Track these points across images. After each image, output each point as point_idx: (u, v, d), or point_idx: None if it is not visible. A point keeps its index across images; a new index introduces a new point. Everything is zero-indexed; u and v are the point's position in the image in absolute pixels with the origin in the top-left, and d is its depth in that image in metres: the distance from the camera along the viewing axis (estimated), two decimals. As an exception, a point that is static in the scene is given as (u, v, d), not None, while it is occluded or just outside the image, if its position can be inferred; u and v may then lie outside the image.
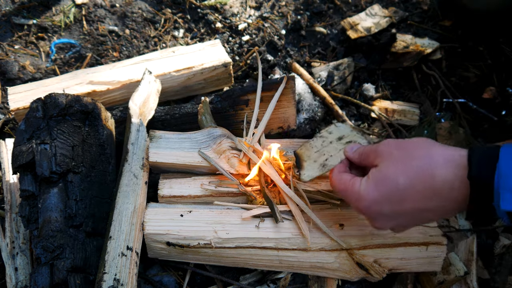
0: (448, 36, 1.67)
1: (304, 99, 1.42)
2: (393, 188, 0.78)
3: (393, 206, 0.79)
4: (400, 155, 0.80)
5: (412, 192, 0.77)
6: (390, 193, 0.79)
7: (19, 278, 1.05)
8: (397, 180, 0.78)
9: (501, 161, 0.69)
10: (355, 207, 0.86)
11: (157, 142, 1.14)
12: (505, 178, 0.67)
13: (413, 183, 0.77)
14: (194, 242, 1.01)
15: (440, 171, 0.75)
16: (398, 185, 0.78)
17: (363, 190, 0.82)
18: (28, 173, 1.04)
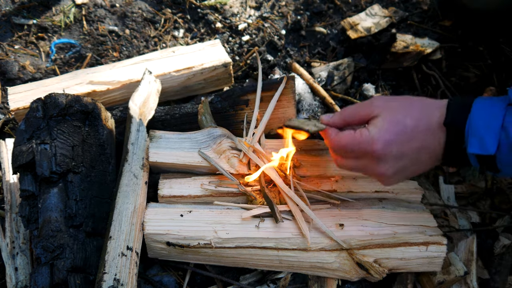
0: (448, 36, 1.67)
1: (304, 99, 1.42)
2: (402, 129, 0.87)
3: (402, 146, 0.87)
4: (399, 104, 0.90)
5: (417, 132, 0.87)
6: (400, 133, 0.87)
7: (19, 278, 1.05)
8: (405, 121, 0.87)
9: (472, 112, 0.82)
10: (368, 152, 0.89)
11: (157, 142, 1.14)
12: (474, 127, 0.81)
13: (417, 124, 0.87)
14: (194, 242, 1.01)
15: (434, 113, 0.87)
16: (406, 126, 0.87)
17: (375, 134, 0.88)
18: (28, 173, 1.04)
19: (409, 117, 0.87)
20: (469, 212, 1.25)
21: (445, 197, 1.28)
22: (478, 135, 0.80)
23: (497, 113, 0.80)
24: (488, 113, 0.81)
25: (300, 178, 1.15)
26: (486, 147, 0.80)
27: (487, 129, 0.80)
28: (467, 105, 0.84)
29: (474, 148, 0.81)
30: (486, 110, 0.81)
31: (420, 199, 1.15)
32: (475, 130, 0.81)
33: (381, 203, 1.10)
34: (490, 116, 0.80)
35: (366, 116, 0.92)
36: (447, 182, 1.31)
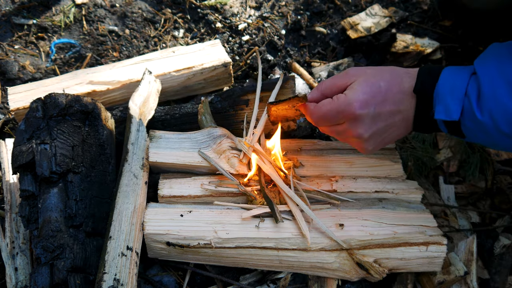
0: (448, 36, 1.67)
1: (304, 99, 1.42)
2: (377, 90, 0.92)
3: (377, 106, 0.92)
4: (373, 71, 0.96)
5: (390, 94, 0.92)
6: (375, 94, 0.92)
7: (19, 278, 1.05)
8: (379, 83, 0.92)
9: (440, 81, 0.88)
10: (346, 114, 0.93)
11: (157, 142, 1.14)
12: (441, 95, 0.87)
13: (390, 86, 0.92)
14: (194, 242, 1.01)
15: (405, 78, 0.93)
16: (380, 87, 0.92)
17: (352, 95, 0.92)
18: (28, 173, 1.04)
19: (382, 81, 0.93)
20: (469, 212, 1.25)
21: (445, 197, 1.28)
22: (444, 102, 0.86)
23: (462, 82, 0.85)
24: (454, 81, 0.86)
25: (300, 178, 1.15)
26: (450, 113, 0.86)
27: (452, 96, 0.85)
28: (435, 73, 0.89)
29: (441, 114, 0.87)
30: (452, 79, 0.87)
31: (420, 199, 1.15)
32: (441, 97, 0.87)
33: (381, 203, 1.10)
34: (455, 84, 0.86)
35: (343, 85, 0.97)
36: (447, 182, 1.31)
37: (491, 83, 0.82)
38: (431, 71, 0.91)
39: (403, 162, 1.23)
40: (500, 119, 0.81)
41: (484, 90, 0.82)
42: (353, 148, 1.23)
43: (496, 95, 0.81)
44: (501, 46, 0.87)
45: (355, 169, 1.19)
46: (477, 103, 0.83)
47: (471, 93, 0.84)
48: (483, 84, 0.82)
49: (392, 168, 1.20)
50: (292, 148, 1.23)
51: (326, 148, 1.24)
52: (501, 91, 0.80)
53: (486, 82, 0.82)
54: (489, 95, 0.81)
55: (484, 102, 0.82)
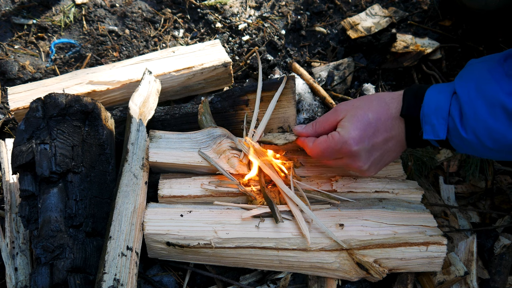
0: (448, 36, 1.67)
1: (304, 99, 1.42)
2: (367, 123, 0.95)
3: (370, 139, 0.96)
4: (361, 103, 0.99)
5: (380, 123, 0.96)
6: (366, 127, 0.95)
7: (19, 278, 1.05)
8: (368, 116, 0.96)
9: (424, 102, 0.91)
10: (343, 151, 0.97)
11: (157, 142, 1.14)
12: (426, 116, 0.91)
13: (378, 115, 0.96)
14: (194, 242, 1.01)
15: (391, 104, 0.97)
16: (369, 120, 0.96)
17: (345, 134, 0.96)
18: (28, 173, 1.04)
19: (370, 111, 0.96)
20: (469, 212, 1.25)
21: (445, 197, 1.28)
22: (430, 123, 0.90)
23: (445, 102, 0.89)
24: (437, 102, 0.90)
25: (300, 178, 1.15)
26: (438, 133, 0.90)
27: (437, 116, 0.89)
28: (420, 95, 0.93)
29: (429, 134, 0.91)
30: (435, 99, 0.90)
31: (420, 199, 1.15)
32: (427, 118, 0.91)
33: (381, 203, 1.10)
34: (439, 105, 0.89)
35: (334, 122, 1.01)
36: (447, 182, 1.31)
37: (470, 103, 0.85)
38: (416, 93, 0.95)
39: (403, 162, 1.23)
40: (484, 136, 0.85)
41: (465, 110, 0.85)
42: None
43: (477, 114, 0.84)
44: (479, 64, 0.90)
45: (355, 169, 1.19)
46: (461, 123, 0.87)
47: (454, 113, 0.87)
48: (463, 104, 0.86)
49: (392, 168, 1.20)
50: (292, 148, 1.23)
51: (326, 148, 1.24)
52: (481, 110, 0.83)
53: (466, 102, 0.86)
54: (471, 115, 0.85)
55: (466, 121, 0.86)
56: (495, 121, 0.82)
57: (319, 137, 1.02)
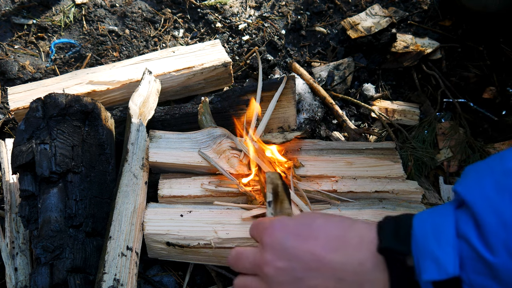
0: (448, 36, 1.67)
1: (304, 99, 1.42)
2: (308, 222, 0.69)
3: (298, 240, 0.66)
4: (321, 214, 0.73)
5: (322, 235, 0.66)
6: (302, 225, 0.69)
7: (19, 278, 1.05)
8: (315, 218, 0.70)
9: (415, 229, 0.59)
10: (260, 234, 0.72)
11: (157, 142, 1.14)
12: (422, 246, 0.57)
13: (328, 227, 0.67)
14: (194, 242, 1.01)
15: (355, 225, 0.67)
16: (314, 222, 0.69)
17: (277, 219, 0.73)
18: (28, 173, 1.04)
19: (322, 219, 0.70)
20: (469, 212, 1.25)
21: (445, 197, 1.28)
22: (430, 255, 0.56)
23: (446, 221, 0.58)
24: (434, 223, 0.59)
25: (300, 178, 1.15)
26: (444, 267, 0.55)
27: (439, 243, 0.56)
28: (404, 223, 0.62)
29: (431, 273, 0.56)
30: (430, 220, 0.59)
31: (420, 199, 1.15)
32: (424, 249, 0.57)
33: (381, 203, 1.10)
34: (438, 226, 0.58)
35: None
36: (447, 182, 1.31)
37: (491, 205, 0.55)
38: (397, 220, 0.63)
39: (403, 162, 1.23)
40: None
41: (486, 218, 0.54)
42: (353, 148, 1.23)
43: (505, 218, 0.53)
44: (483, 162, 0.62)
45: (355, 169, 1.19)
46: (481, 240, 0.54)
47: (467, 230, 0.55)
48: (481, 212, 0.55)
49: (392, 168, 1.19)
50: (292, 148, 1.23)
51: (326, 148, 1.24)
52: (510, 212, 0.53)
53: (485, 207, 0.55)
54: (496, 223, 0.54)
55: (491, 236, 0.53)
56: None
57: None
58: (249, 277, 0.72)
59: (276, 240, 0.68)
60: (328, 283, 0.63)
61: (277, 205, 0.86)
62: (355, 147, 1.24)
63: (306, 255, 0.65)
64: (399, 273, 0.60)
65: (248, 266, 0.72)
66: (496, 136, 1.42)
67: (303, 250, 0.65)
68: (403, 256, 0.59)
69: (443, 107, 1.51)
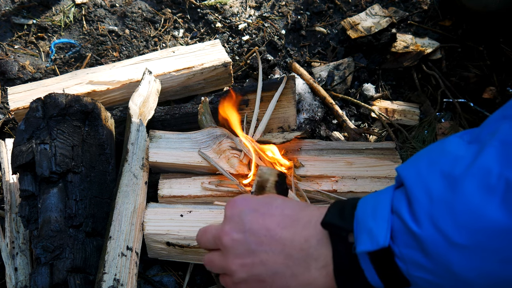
0: (448, 36, 1.67)
1: (304, 99, 1.42)
2: (268, 201, 0.72)
3: (255, 215, 0.69)
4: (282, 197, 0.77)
5: (278, 213, 0.69)
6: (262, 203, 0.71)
7: (19, 278, 1.05)
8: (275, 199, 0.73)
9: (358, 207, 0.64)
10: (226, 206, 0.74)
11: (157, 142, 1.14)
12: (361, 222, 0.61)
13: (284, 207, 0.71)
14: (194, 242, 1.01)
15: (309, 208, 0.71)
16: (273, 202, 0.72)
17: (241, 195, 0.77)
18: (28, 173, 1.04)
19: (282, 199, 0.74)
20: (469, 212, 1.25)
21: (445, 197, 1.27)
22: (366, 228, 0.60)
23: (384, 199, 0.62)
24: (374, 202, 0.62)
25: (300, 178, 1.15)
26: (376, 238, 0.58)
27: (375, 218, 0.60)
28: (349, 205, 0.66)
29: (365, 244, 0.59)
30: (371, 200, 0.63)
31: (420, 199, 1.15)
32: (362, 224, 0.61)
33: (381, 203, 1.10)
34: (376, 204, 0.62)
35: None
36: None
37: (421, 180, 0.58)
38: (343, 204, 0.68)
39: (403, 162, 1.23)
40: (446, 223, 0.53)
41: (415, 193, 0.57)
42: (353, 148, 1.23)
43: (431, 192, 0.56)
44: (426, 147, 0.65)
45: (355, 169, 1.19)
46: (410, 213, 0.57)
47: (399, 206, 0.59)
48: (412, 186, 0.58)
49: (392, 168, 1.19)
50: (292, 148, 1.23)
51: (326, 148, 1.24)
52: (438, 186, 0.55)
53: (415, 182, 0.58)
54: (423, 197, 0.56)
55: (418, 208, 0.56)
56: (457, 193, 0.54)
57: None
58: (212, 252, 0.75)
59: (235, 212, 0.71)
60: (278, 258, 0.67)
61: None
62: (355, 147, 1.24)
63: (261, 230, 0.68)
64: (341, 248, 0.64)
65: (211, 239, 0.74)
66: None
67: (258, 224, 0.68)
68: (345, 232, 0.63)
69: (443, 107, 1.51)
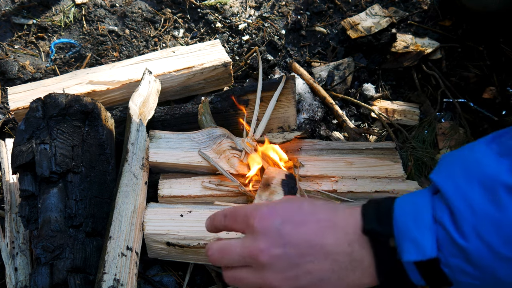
0: (448, 36, 1.67)
1: (304, 99, 1.42)
2: (295, 207, 0.69)
3: (290, 226, 0.66)
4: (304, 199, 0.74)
5: (312, 219, 0.67)
6: (291, 210, 0.69)
7: (19, 278, 1.05)
8: (301, 203, 0.70)
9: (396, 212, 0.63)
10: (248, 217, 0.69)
11: (157, 142, 1.14)
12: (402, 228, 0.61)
13: (315, 211, 0.69)
14: (194, 242, 1.01)
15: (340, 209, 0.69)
16: (301, 207, 0.69)
17: (261, 204, 0.72)
18: (28, 173, 1.04)
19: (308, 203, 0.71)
20: (469, 212, 1.25)
21: (445, 197, 1.28)
22: (410, 237, 0.60)
23: (423, 206, 0.62)
24: (413, 208, 0.62)
25: (300, 178, 1.15)
26: (422, 249, 0.59)
27: (418, 227, 0.60)
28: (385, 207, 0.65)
29: (411, 253, 0.60)
30: (410, 205, 0.63)
31: (420, 199, 1.15)
32: (405, 232, 0.61)
33: (381, 203, 1.10)
34: (417, 211, 0.62)
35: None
36: (447, 182, 1.31)
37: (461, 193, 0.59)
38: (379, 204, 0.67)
39: (403, 162, 1.23)
40: (491, 236, 0.55)
41: (456, 205, 0.58)
42: (353, 148, 1.23)
43: (473, 205, 0.57)
44: (456, 152, 0.66)
45: (355, 169, 1.19)
46: (454, 225, 0.58)
47: (442, 216, 0.59)
48: (452, 198, 0.59)
49: (392, 168, 1.19)
50: (292, 148, 1.23)
51: (326, 148, 1.24)
52: (477, 199, 0.57)
53: (455, 194, 0.59)
54: (465, 209, 0.58)
55: (462, 221, 0.57)
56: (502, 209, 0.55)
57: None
58: (240, 269, 0.70)
59: (268, 226, 0.67)
60: (323, 266, 0.65)
61: (264, 194, 0.87)
62: (355, 147, 1.24)
63: (301, 241, 0.65)
64: (383, 253, 0.64)
65: (236, 258, 0.69)
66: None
67: (297, 235, 0.66)
68: (386, 237, 0.63)
69: (443, 107, 1.51)
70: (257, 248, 0.66)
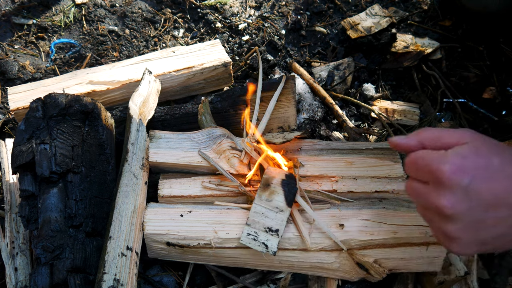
0: (448, 36, 1.67)
1: (304, 99, 1.42)
2: (488, 162, 0.70)
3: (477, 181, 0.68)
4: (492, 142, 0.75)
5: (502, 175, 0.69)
6: (482, 167, 0.69)
7: (19, 278, 1.05)
8: (491, 157, 0.70)
9: None
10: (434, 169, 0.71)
11: (157, 142, 1.14)
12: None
13: (505, 165, 0.69)
14: (194, 242, 1.01)
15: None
16: (492, 162, 0.70)
17: (450, 154, 0.71)
18: (28, 173, 1.04)
19: (498, 157, 0.71)
20: (469, 212, 1.25)
21: (445, 197, 1.27)
22: None
23: None
24: None
25: (301, 178, 1.15)
26: None
27: None
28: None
29: None
30: None
31: (420, 199, 1.15)
32: None
33: (381, 203, 1.10)
34: None
35: (450, 144, 0.75)
36: (447, 182, 1.31)
37: None
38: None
39: (403, 162, 1.23)
40: None
41: None
42: (353, 148, 1.23)
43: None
44: None
45: (355, 169, 1.19)
46: None
47: None
48: None
49: (392, 168, 1.19)
50: (292, 148, 1.22)
51: (326, 148, 1.24)
52: None
53: None
54: None
55: None
56: None
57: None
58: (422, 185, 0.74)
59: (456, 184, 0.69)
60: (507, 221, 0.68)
61: (264, 193, 0.88)
62: (355, 147, 1.24)
63: (488, 197, 0.68)
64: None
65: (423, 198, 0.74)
66: (496, 136, 1.42)
67: (484, 191, 0.68)
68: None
69: (443, 107, 1.51)
70: (441, 204, 0.69)
